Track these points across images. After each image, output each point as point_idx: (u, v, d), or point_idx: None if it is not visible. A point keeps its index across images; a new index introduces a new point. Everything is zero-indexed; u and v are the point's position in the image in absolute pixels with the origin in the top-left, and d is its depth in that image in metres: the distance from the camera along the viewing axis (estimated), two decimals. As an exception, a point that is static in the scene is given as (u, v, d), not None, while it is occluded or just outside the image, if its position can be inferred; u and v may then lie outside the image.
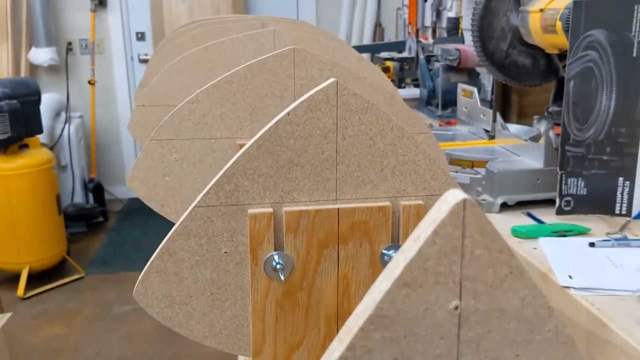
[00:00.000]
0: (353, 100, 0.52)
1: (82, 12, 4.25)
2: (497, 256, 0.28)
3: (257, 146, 0.52)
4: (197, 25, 1.44)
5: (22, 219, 3.10)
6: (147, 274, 0.53)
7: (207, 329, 0.55)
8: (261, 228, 0.53)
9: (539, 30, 1.43)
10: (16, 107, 2.99)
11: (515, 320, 0.29)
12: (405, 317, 0.27)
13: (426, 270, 0.27)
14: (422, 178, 0.55)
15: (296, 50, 0.79)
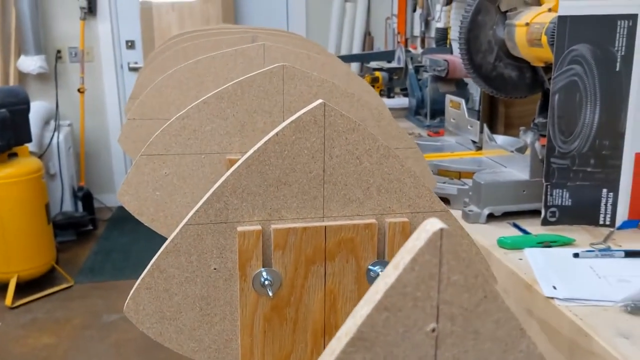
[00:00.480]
0: (340, 120, 0.53)
1: (72, 20, 4.25)
2: (473, 281, 0.29)
3: (246, 165, 0.54)
4: (188, 37, 1.45)
5: (10, 227, 3.09)
6: (137, 290, 0.54)
7: (197, 343, 0.57)
8: (250, 245, 0.55)
9: (525, 43, 1.45)
10: (5, 116, 2.99)
11: (489, 341, 0.30)
12: (385, 340, 0.29)
13: (405, 295, 0.28)
14: (407, 196, 0.56)
15: (285, 67, 0.81)
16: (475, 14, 1.52)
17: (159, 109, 1.05)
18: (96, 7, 4.28)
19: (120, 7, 4.39)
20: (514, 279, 1.12)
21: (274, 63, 1.06)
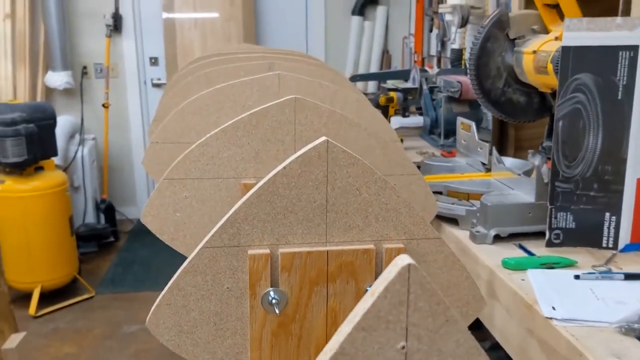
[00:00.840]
0: (341, 155, 0.59)
1: (98, 37, 4.39)
2: (436, 307, 0.35)
3: (257, 195, 0.60)
4: (208, 62, 1.53)
5: (35, 239, 3.19)
6: (158, 306, 0.61)
7: (211, 355, 0.63)
8: (259, 267, 0.61)
9: (532, 70, 1.51)
10: (33, 131, 3.10)
11: (451, 357, 0.36)
12: (363, 355, 0.34)
13: (379, 318, 0.34)
14: (402, 224, 0.62)
15: (297, 99, 0.87)
16: (484, 41, 1.58)
17: (181, 133, 1.12)
18: (121, 24, 4.41)
19: (144, 24, 4.52)
20: (516, 299, 1.16)
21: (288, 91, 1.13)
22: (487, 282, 1.29)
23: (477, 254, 1.35)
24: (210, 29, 4.37)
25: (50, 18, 4.11)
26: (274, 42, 4.60)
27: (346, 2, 4.64)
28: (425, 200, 0.94)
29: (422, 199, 0.92)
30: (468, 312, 0.65)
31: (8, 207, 3.14)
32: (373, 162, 0.90)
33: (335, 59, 4.69)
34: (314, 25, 4.69)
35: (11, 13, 4.07)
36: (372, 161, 0.89)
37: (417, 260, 0.61)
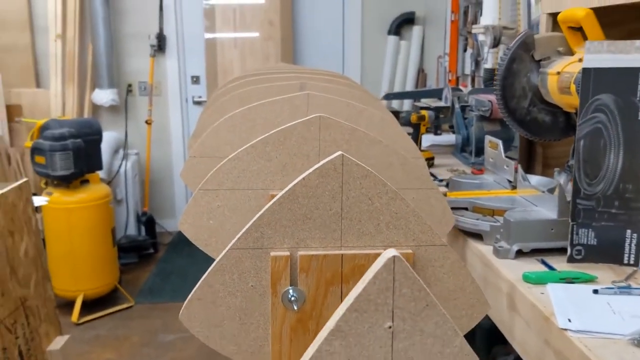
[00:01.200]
0: (355, 168, 0.66)
1: (143, 57, 4.57)
2: (417, 293, 0.41)
3: (279, 203, 0.67)
4: (243, 82, 1.62)
5: (80, 249, 3.33)
6: (190, 301, 0.68)
7: (236, 347, 0.69)
8: (280, 267, 0.67)
9: (556, 91, 1.54)
10: (80, 146, 3.25)
11: (431, 337, 0.42)
12: (356, 332, 0.40)
13: (369, 301, 0.40)
14: (411, 231, 0.68)
15: (321, 117, 0.95)
16: (510, 62, 1.62)
17: (216, 148, 1.21)
18: (165, 45, 4.59)
19: (187, 44, 4.69)
20: (535, 312, 1.20)
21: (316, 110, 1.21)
22: (508, 295, 1.33)
23: (499, 268, 1.39)
24: (250, 49, 4.50)
25: (99, 39, 4.32)
26: (311, 61, 4.71)
27: (382, 22, 4.72)
28: (442, 214, 1.00)
29: (440, 212, 0.98)
30: (473, 315, 0.70)
31: (55, 218, 3.29)
32: (392, 176, 0.97)
33: (370, 77, 4.77)
34: (351, 45, 4.78)
35: (62, 34, 4.29)
36: (392, 175, 0.96)
37: (425, 265, 0.67)
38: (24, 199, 1.83)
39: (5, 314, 1.63)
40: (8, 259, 1.68)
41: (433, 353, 0.42)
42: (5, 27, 4.38)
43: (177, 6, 4.61)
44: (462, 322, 0.69)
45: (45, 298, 1.90)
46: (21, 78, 4.42)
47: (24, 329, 1.73)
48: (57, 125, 3.28)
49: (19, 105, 4.29)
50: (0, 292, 1.62)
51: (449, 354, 0.42)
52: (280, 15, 4.49)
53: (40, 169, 3.24)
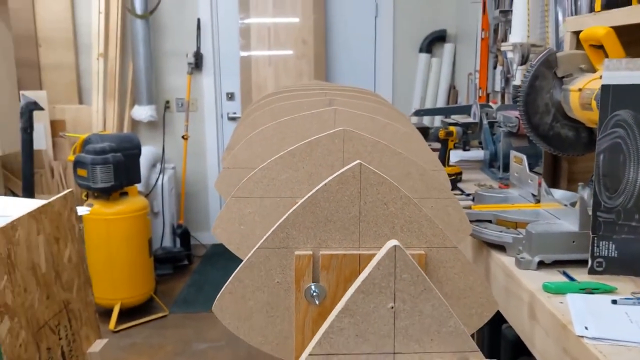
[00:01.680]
0: (372, 176, 0.72)
1: (180, 74, 4.73)
2: (416, 279, 0.47)
3: (302, 207, 0.74)
4: (276, 99, 1.70)
5: (118, 259, 3.45)
6: (222, 294, 0.75)
7: (263, 338, 0.76)
8: (303, 265, 0.74)
9: (578, 107, 1.59)
10: (120, 160, 3.39)
11: (429, 317, 0.48)
12: (362, 311, 0.47)
13: (374, 284, 0.47)
14: (424, 234, 0.74)
15: (345, 131, 1.02)
16: (533, 79, 1.67)
17: (248, 159, 1.29)
18: (202, 62, 4.74)
19: (223, 62, 4.83)
20: (554, 320, 1.23)
21: (343, 124, 1.28)
22: (529, 305, 1.37)
23: (520, 279, 1.43)
24: (283, 66, 4.62)
25: (139, 57, 4.49)
26: (343, 78, 4.80)
27: (413, 40, 4.79)
28: (459, 222, 1.05)
29: (457, 221, 1.04)
30: (482, 313, 0.75)
31: (95, 228, 3.43)
32: (412, 186, 1.03)
33: (402, 94, 4.84)
34: (382, 63, 4.86)
35: (104, 53, 4.48)
36: (411, 185, 1.02)
37: (437, 265, 0.73)
38: (69, 208, 1.94)
39: (50, 316, 1.73)
40: (53, 264, 1.78)
41: (431, 332, 0.48)
42: (52, 47, 4.60)
43: (214, 25, 4.76)
44: (472, 320, 0.74)
45: (87, 302, 2.00)
46: (65, 95, 4.62)
47: (67, 331, 1.83)
48: (98, 140, 3.43)
49: (62, 121, 4.48)
50: (46, 295, 1.72)
51: (444, 333, 0.48)
52: (313, 34, 4.60)
53: (82, 182, 3.39)
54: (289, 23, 4.61)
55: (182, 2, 4.70)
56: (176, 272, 4.36)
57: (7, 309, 1.49)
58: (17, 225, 1.59)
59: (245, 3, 4.60)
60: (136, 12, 4.40)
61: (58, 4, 4.56)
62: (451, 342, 0.48)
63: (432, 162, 1.26)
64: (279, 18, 4.60)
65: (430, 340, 0.48)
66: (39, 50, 4.60)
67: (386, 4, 4.76)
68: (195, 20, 4.68)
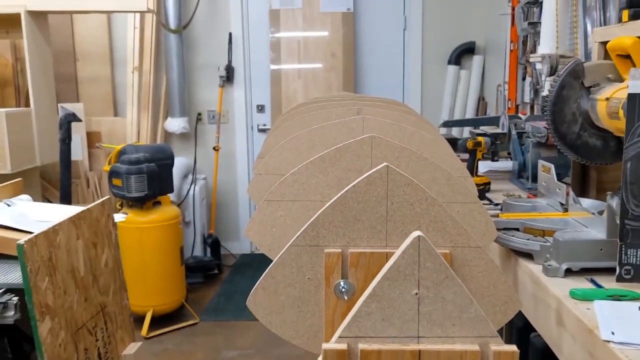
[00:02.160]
0: (399, 177, 0.76)
1: (212, 87, 4.83)
2: (438, 267, 0.50)
3: (332, 207, 0.78)
4: (304, 109, 1.75)
5: (150, 266, 3.53)
6: (256, 289, 0.79)
7: (294, 332, 0.80)
8: (333, 262, 0.78)
9: (606, 116, 1.60)
10: (153, 170, 3.48)
11: (451, 304, 0.51)
12: (389, 297, 0.50)
13: (399, 272, 0.50)
14: (449, 234, 0.77)
15: (373, 137, 1.06)
16: (560, 89, 1.69)
17: (279, 166, 1.33)
18: (233, 75, 4.84)
19: (253, 75, 4.92)
20: (580, 326, 1.24)
21: (370, 132, 1.32)
22: (556, 311, 1.38)
23: (547, 285, 1.44)
24: (313, 79, 4.69)
25: (172, 71, 4.61)
26: (372, 90, 4.85)
27: (442, 52, 4.81)
28: (485, 226, 1.08)
29: (483, 225, 1.06)
30: (506, 311, 0.78)
31: (129, 236, 3.52)
32: (438, 191, 1.06)
33: (431, 106, 4.86)
34: (411, 75, 4.89)
35: (139, 66, 4.61)
36: (438, 190, 1.05)
37: (461, 264, 0.76)
38: (106, 215, 2.01)
39: (87, 318, 1.80)
40: (91, 268, 1.85)
41: (453, 317, 0.51)
42: (90, 61, 4.75)
43: (245, 39, 4.86)
44: (496, 317, 0.77)
45: (122, 306, 2.07)
46: (101, 107, 4.77)
47: (103, 333, 1.90)
48: (133, 151, 3.53)
49: (98, 132, 4.61)
50: (84, 298, 1.79)
51: (466, 318, 0.51)
52: (342, 47, 4.66)
53: (117, 191, 3.48)
54: (318, 36, 4.68)
55: (215, 17, 4.81)
56: (207, 280, 4.43)
57: (48, 310, 1.56)
58: (58, 229, 1.66)
59: (275, 18, 4.69)
60: (170, 27, 4.52)
61: (95, 20, 4.71)
62: (472, 327, 0.51)
63: (459, 169, 1.29)
64: (308, 32, 4.68)
65: (452, 325, 0.51)
66: (77, 64, 4.75)
67: (415, 17, 4.80)
68: (227, 35, 4.79)
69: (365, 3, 4.81)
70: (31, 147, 3.79)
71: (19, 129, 3.64)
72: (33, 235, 1.52)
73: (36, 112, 3.80)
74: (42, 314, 1.53)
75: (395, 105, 1.93)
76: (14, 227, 1.82)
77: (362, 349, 0.53)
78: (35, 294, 1.50)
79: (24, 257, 1.47)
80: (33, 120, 3.78)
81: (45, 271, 1.57)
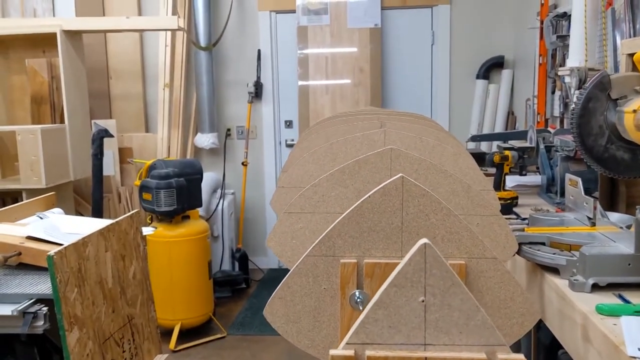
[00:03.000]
0: (414, 188, 0.76)
1: (241, 103, 4.90)
2: (445, 274, 0.51)
3: (348, 217, 0.78)
4: (330, 122, 1.77)
5: (179, 280, 3.57)
6: (273, 299, 0.80)
7: (310, 341, 0.80)
8: (348, 273, 0.78)
9: (633, 128, 1.57)
10: (182, 184, 3.53)
11: (457, 311, 0.51)
12: (395, 304, 0.51)
13: (406, 279, 0.51)
14: (464, 245, 0.77)
15: (393, 149, 1.06)
16: (586, 102, 1.67)
17: (301, 179, 1.35)
18: (262, 92, 4.90)
19: (282, 91, 4.98)
20: (607, 341, 1.22)
21: (392, 145, 1.33)
22: (582, 327, 1.35)
23: (574, 301, 1.41)
24: (340, 94, 4.71)
25: (202, 87, 4.68)
26: (400, 105, 4.85)
27: (470, 67, 4.80)
28: (505, 239, 1.07)
29: (503, 238, 1.06)
30: (524, 323, 0.77)
31: (157, 250, 3.57)
32: (458, 203, 1.06)
33: (459, 120, 4.84)
34: (439, 89, 4.88)
35: (170, 83, 4.70)
36: (457, 202, 1.05)
37: (477, 275, 0.76)
38: (134, 228, 2.05)
39: (115, 329, 1.83)
40: (119, 280, 1.89)
41: (459, 324, 0.51)
42: (122, 78, 4.87)
43: (274, 56, 4.92)
44: (514, 329, 0.76)
45: (149, 318, 2.10)
46: (133, 123, 4.87)
47: (130, 345, 1.93)
48: (163, 166, 3.59)
49: (130, 148, 4.71)
50: (112, 309, 1.82)
51: (472, 326, 0.51)
52: (370, 63, 4.68)
53: (147, 205, 3.54)
54: (346, 52, 4.71)
55: (244, 34, 4.89)
56: (234, 295, 4.45)
57: (76, 320, 1.59)
58: (87, 242, 1.70)
59: (303, 34, 4.74)
60: (200, 44, 4.61)
61: (128, 38, 4.83)
62: (479, 335, 0.51)
63: (481, 182, 1.29)
64: (336, 48, 4.71)
65: (459, 333, 0.51)
66: (110, 81, 4.87)
67: (443, 32, 4.80)
68: (255, 51, 4.86)
69: (392, 19, 4.83)
70: (65, 162, 3.89)
71: (53, 144, 3.74)
72: (63, 247, 1.56)
73: (70, 129, 3.91)
74: (70, 324, 1.56)
75: (419, 119, 1.93)
76: (45, 239, 1.87)
77: (369, 355, 0.54)
78: (64, 305, 1.53)
79: (54, 268, 1.51)
80: (67, 136, 3.89)
81: (75, 282, 1.61)
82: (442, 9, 4.78)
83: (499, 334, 0.51)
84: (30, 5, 4.81)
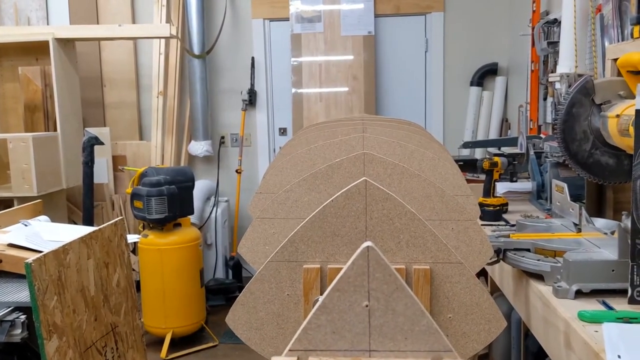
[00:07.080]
0: (377, 192, 0.75)
1: (235, 111, 4.89)
2: (388, 278, 0.49)
3: (311, 222, 0.77)
4: (313, 129, 1.76)
5: (170, 288, 3.55)
6: (235, 305, 0.79)
7: (274, 349, 0.79)
8: (312, 278, 0.77)
9: (617, 133, 1.56)
10: (174, 192, 3.52)
11: (402, 316, 0.50)
12: (338, 309, 0.49)
13: (349, 283, 0.49)
14: (429, 249, 0.75)
15: (366, 154, 1.05)
16: (570, 107, 1.66)
17: (279, 184, 1.33)
18: (256, 99, 4.89)
19: (275, 99, 4.97)
20: (587, 349, 1.20)
21: (370, 150, 1.32)
22: (564, 334, 1.34)
23: (556, 307, 1.40)
24: (334, 102, 4.71)
25: (196, 95, 4.68)
26: (394, 112, 4.84)
27: (464, 74, 4.80)
28: (481, 244, 1.06)
29: (478, 243, 1.04)
30: (490, 330, 0.75)
31: (148, 257, 3.55)
32: (432, 207, 1.04)
33: (453, 127, 4.83)
34: (433, 96, 4.88)
35: (163, 91, 4.70)
36: (431, 206, 1.04)
37: (442, 280, 0.75)
38: (119, 235, 2.04)
39: (97, 337, 1.81)
40: (102, 288, 1.87)
41: (404, 330, 0.49)
42: (116, 87, 4.87)
43: (268, 64, 4.92)
44: (481, 336, 0.74)
45: (134, 326, 2.08)
46: (127, 131, 4.86)
47: (113, 353, 1.91)
48: (154, 173, 3.58)
49: (123, 156, 4.70)
50: (94, 317, 1.80)
51: (417, 331, 0.49)
52: (364, 70, 4.68)
53: (138, 213, 3.53)
54: (340, 60, 4.71)
55: (237, 42, 4.89)
56: (228, 303, 4.43)
57: (55, 328, 1.58)
58: (68, 249, 1.69)
59: (297, 42, 4.74)
60: (194, 52, 4.61)
61: (122, 47, 4.83)
62: (425, 341, 0.49)
63: (460, 187, 1.27)
64: (330, 56, 4.71)
65: (404, 339, 0.50)
66: (104, 90, 4.87)
67: (436, 39, 4.80)
68: (249, 59, 4.85)
69: (386, 26, 4.83)
70: (57, 170, 3.88)
71: (45, 152, 3.72)
72: (42, 255, 1.55)
73: (63, 137, 3.90)
74: (49, 332, 1.54)
75: (404, 125, 1.92)
76: (27, 246, 1.86)
77: (312, 362, 0.52)
78: (43, 313, 1.51)
79: (32, 275, 1.49)
80: (60, 144, 3.88)
81: (54, 290, 1.59)
82: (436, 16, 4.78)
83: (446, 339, 0.49)
84: (24, 14, 4.81)
